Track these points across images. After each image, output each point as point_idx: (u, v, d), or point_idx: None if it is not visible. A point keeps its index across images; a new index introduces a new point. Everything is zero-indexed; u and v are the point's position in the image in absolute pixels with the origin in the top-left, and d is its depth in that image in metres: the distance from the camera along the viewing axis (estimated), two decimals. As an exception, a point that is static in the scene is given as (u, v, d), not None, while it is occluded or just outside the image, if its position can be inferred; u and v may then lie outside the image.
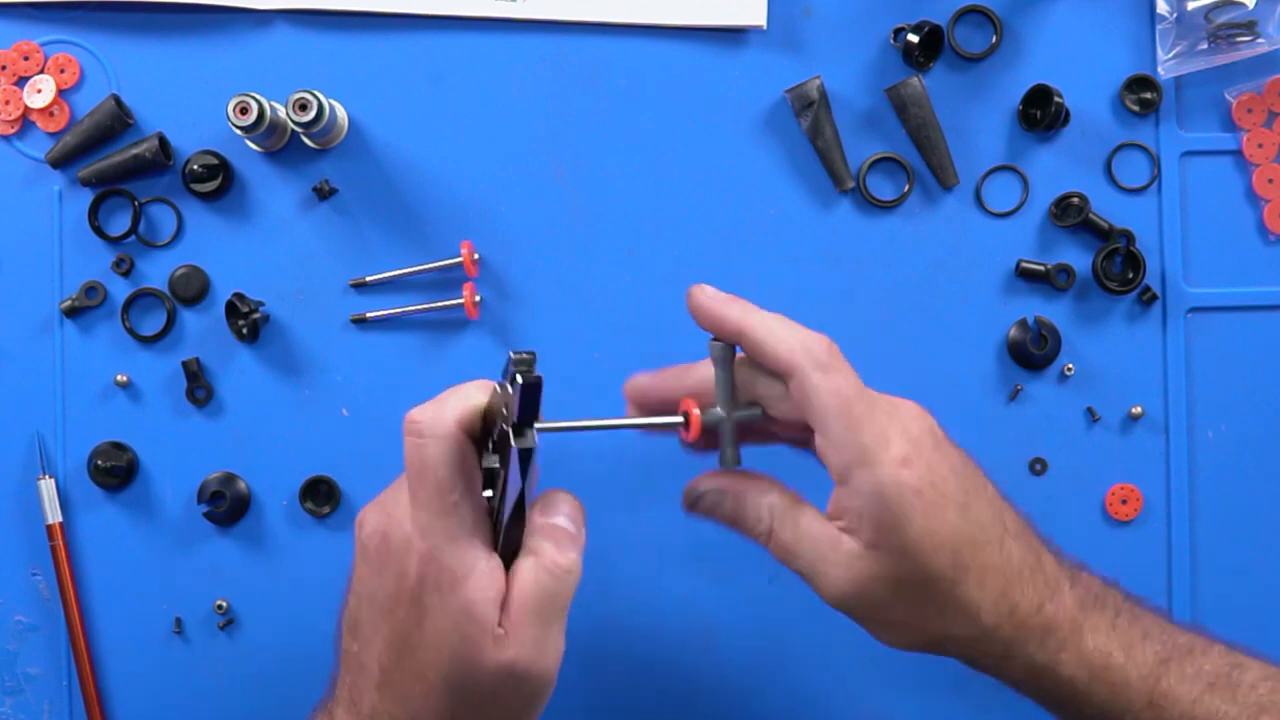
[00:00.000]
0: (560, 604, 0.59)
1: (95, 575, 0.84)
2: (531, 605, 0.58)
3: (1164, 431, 0.86)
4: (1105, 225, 0.85)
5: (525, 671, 0.58)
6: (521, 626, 0.57)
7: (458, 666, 0.58)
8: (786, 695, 0.86)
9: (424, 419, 0.58)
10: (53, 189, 0.85)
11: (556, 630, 0.59)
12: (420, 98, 0.85)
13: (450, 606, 0.57)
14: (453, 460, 0.57)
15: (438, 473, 0.57)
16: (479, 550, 0.58)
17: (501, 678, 0.57)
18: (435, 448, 0.57)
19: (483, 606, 0.57)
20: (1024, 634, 0.61)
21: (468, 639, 0.57)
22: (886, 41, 0.86)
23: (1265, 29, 0.85)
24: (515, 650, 0.57)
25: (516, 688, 0.58)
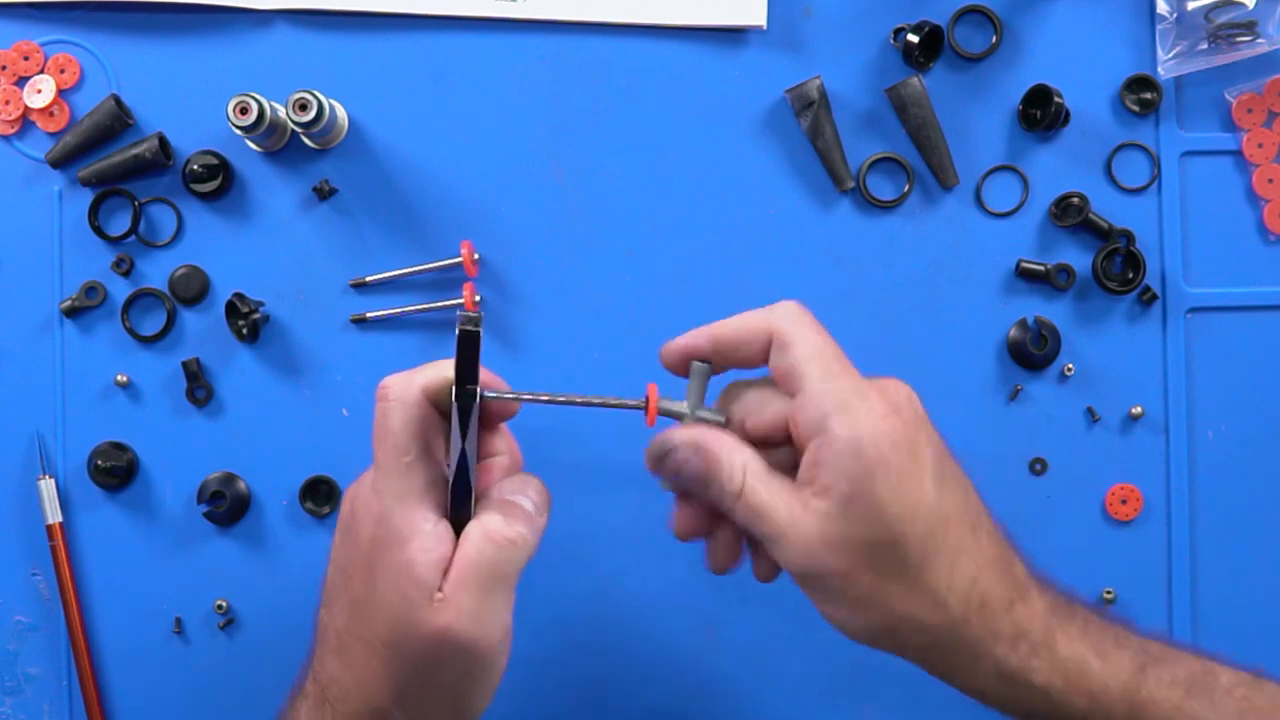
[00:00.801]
0: (502, 574, 0.58)
1: (95, 575, 0.84)
2: (471, 571, 0.58)
3: (1164, 431, 0.86)
4: (1105, 225, 0.85)
5: (457, 639, 0.57)
6: (460, 592, 0.57)
7: (397, 629, 0.58)
8: (786, 695, 0.86)
9: (393, 385, 0.60)
10: (53, 189, 0.85)
11: (499, 602, 0.58)
12: (420, 98, 0.85)
13: (394, 566, 0.58)
14: (412, 424, 0.59)
15: (396, 435, 0.59)
16: (426, 512, 0.59)
17: (437, 643, 0.57)
18: (398, 411, 0.59)
19: (423, 568, 0.57)
20: (994, 634, 0.59)
21: (406, 599, 0.57)
22: (886, 41, 0.86)
23: (1265, 29, 0.85)
24: (451, 616, 0.57)
25: (453, 657, 0.58)
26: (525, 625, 0.85)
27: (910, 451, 0.57)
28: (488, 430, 0.65)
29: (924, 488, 0.57)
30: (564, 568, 0.84)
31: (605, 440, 0.84)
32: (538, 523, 0.61)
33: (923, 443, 0.58)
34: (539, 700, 0.86)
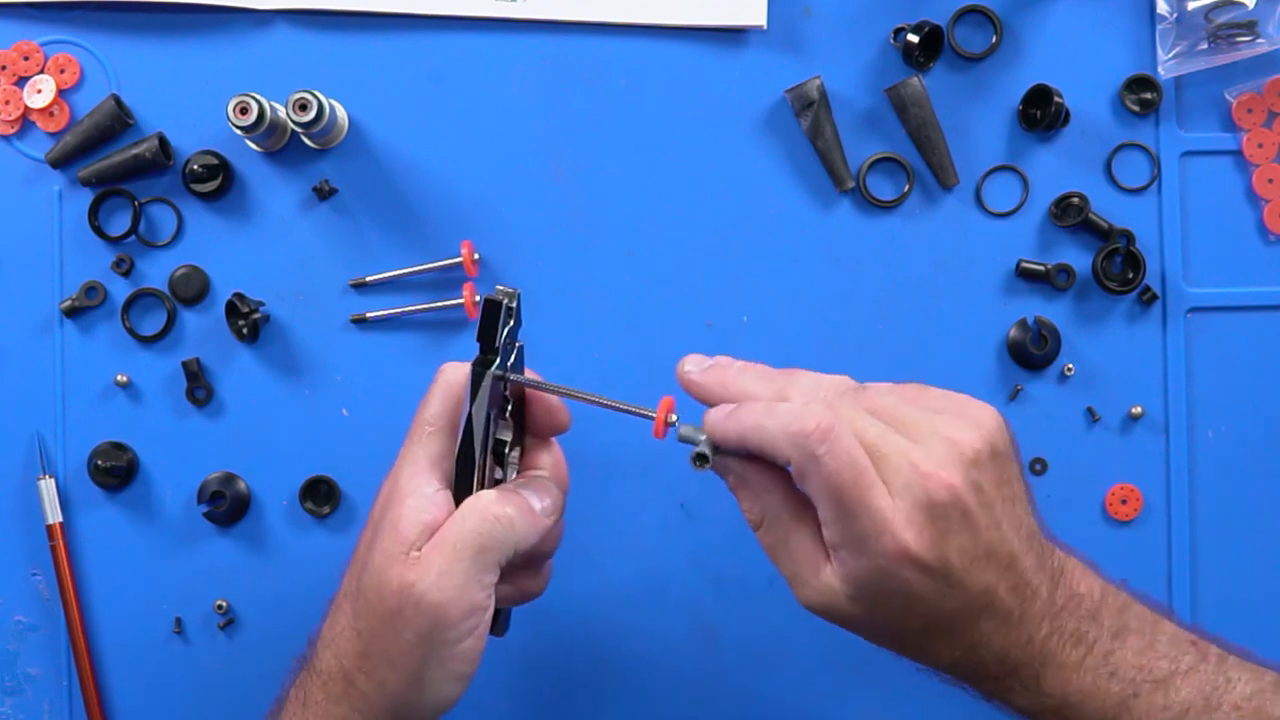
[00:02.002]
0: (481, 548, 0.59)
1: (95, 575, 0.84)
2: (450, 538, 0.59)
3: (1164, 431, 0.86)
4: (1105, 225, 0.85)
5: (420, 598, 0.58)
6: (434, 554, 0.59)
7: (370, 580, 0.60)
8: (786, 695, 0.86)
9: (448, 368, 0.64)
10: (53, 189, 0.85)
11: (470, 573, 0.59)
12: (420, 98, 0.85)
13: (386, 521, 0.60)
14: (446, 400, 0.62)
15: (429, 407, 0.62)
16: (430, 477, 0.61)
17: (398, 599, 0.58)
18: (440, 388, 0.63)
19: (408, 524, 0.59)
20: (981, 672, 0.61)
21: (386, 553, 0.59)
22: (886, 41, 0.86)
23: (1265, 29, 0.85)
24: (417, 573, 0.58)
25: (412, 614, 0.58)
26: (525, 622, 0.85)
27: (936, 574, 0.57)
28: (537, 439, 0.66)
29: (940, 605, 0.58)
30: (563, 564, 0.84)
31: (610, 436, 0.84)
32: (537, 519, 0.62)
33: (954, 553, 0.57)
34: (538, 697, 0.86)
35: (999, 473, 0.58)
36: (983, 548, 0.57)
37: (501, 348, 0.61)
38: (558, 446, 0.68)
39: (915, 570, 0.56)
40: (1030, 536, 0.60)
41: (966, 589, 0.57)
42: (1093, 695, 0.60)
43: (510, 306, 0.61)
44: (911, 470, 0.56)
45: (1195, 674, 0.61)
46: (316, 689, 0.62)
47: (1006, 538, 0.58)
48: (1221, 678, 0.61)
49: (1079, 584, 0.61)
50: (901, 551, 0.56)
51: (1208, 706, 0.60)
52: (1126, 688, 0.60)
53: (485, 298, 0.60)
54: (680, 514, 0.85)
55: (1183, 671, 0.61)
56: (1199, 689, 0.61)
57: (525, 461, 0.67)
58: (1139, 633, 0.61)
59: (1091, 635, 0.61)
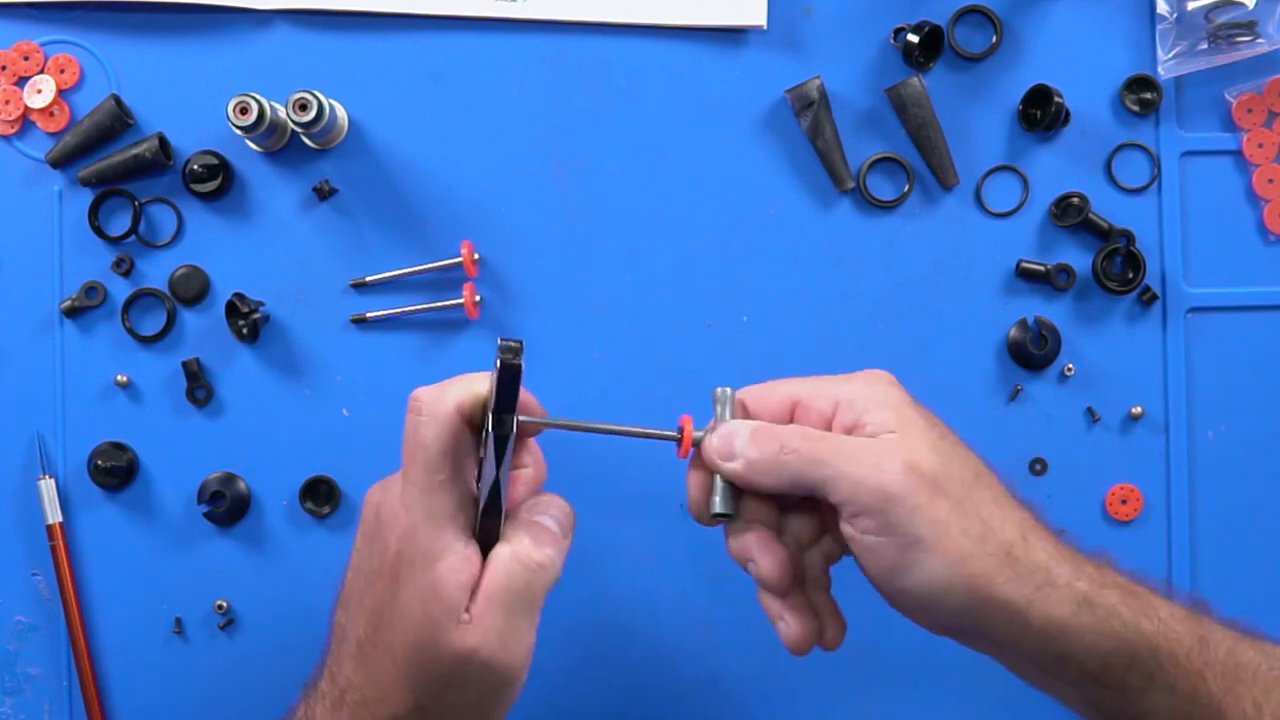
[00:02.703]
0: (529, 597, 0.59)
1: (95, 575, 0.84)
2: (500, 595, 0.58)
3: (1164, 431, 0.86)
4: (1105, 225, 0.85)
5: (486, 661, 0.57)
6: (487, 615, 0.58)
7: (422, 646, 0.58)
8: (786, 695, 0.86)
9: (425, 398, 0.59)
10: (53, 189, 0.85)
11: (525, 625, 0.59)
12: (420, 98, 0.85)
13: (420, 584, 0.58)
14: (445, 441, 0.58)
15: (428, 451, 0.58)
16: (457, 533, 0.59)
17: (462, 664, 0.58)
18: (430, 427, 0.58)
19: (451, 589, 0.57)
20: (1057, 557, 0.60)
21: (433, 620, 0.58)
22: (886, 41, 0.86)
23: (1265, 29, 0.85)
24: (478, 638, 0.57)
25: (478, 677, 0.58)
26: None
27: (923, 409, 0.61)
28: (516, 444, 0.65)
29: (948, 433, 0.61)
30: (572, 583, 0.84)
31: (607, 442, 0.84)
32: (563, 544, 0.61)
33: (927, 410, 0.62)
34: (537, 697, 0.86)
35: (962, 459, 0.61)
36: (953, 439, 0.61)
37: None
38: (535, 445, 0.67)
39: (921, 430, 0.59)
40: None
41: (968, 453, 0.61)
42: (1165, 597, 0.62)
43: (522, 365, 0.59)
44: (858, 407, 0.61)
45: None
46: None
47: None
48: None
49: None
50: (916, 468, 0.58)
51: (1256, 639, 0.63)
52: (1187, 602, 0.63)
53: (502, 364, 0.56)
54: (680, 514, 0.85)
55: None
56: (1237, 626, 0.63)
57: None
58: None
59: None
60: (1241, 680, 0.61)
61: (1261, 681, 0.61)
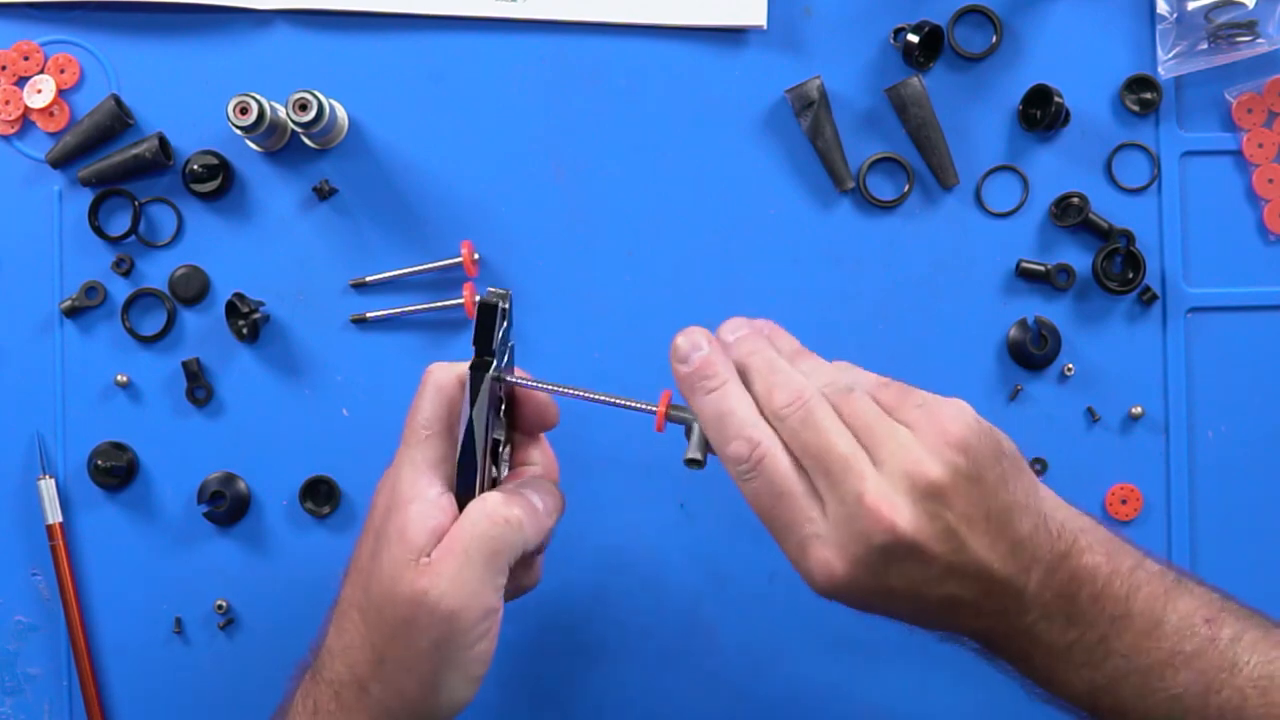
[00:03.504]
0: (492, 551, 0.59)
1: (95, 575, 0.84)
2: (461, 543, 0.59)
3: (1164, 431, 0.86)
4: (1105, 225, 0.85)
5: (435, 604, 0.58)
6: (445, 559, 0.59)
7: (381, 589, 0.59)
8: (786, 695, 0.86)
9: (436, 369, 0.64)
10: (53, 189, 0.85)
11: (483, 577, 0.59)
12: (420, 98, 0.85)
13: (391, 528, 0.60)
14: (439, 402, 0.62)
15: (423, 410, 0.62)
16: (433, 481, 0.61)
17: (412, 607, 0.58)
18: (430, 390, 0.63)
19: (415, 530, 0.59)
20: (971, 641, 0.61)
21: (395, 560, 0.59)
22: (886, 41, 0.86)
23: (1265, 29, 0.85)
24: (430, 580, 0.58)
25: (428, 622, 0.58)
26: (525, 621, 0.85)
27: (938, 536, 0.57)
28: (526, 437, 0.66)
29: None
30: (563, 564, 0.84)
31: (610, 436, 0.84)
32: (542, 519, 0.62)
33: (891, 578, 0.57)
34: (537, 696, 0.86)
35: (967, 495, 0.56)
36: (938, 571, 0.56)
37: (497, 349, 0.61)
38: (546, 442, 0.68)
39: (851, 593, 0.57)
40: (1013, 543, 0.58)
41: (921, 600, 0.57)
42: (1078, 679, 0.61)
43: (504, 308, 0.61)
44: (857, 502, 0.55)
45: (1198, 659, 0.60)
46: (327, 698, 0.62)
47: (973, 556, 0.57)
48: (1228, 660, 0.60)
49: (1083, 567, 0.60)
50: (829, 578, 0.56)
51: (1207, 691, 0.60)
52: (1115, 674, 0.60)
53: (480, 300, 0.60)
54: (680, 513, 0.85)
55: (1185, 656, 0.60)
56: (1199, 675, 0.60)
57: (516, 457, 0.68)
58: (1143, 616, 0.60)
59: (1084, 621, 0.60)
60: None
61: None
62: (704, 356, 0.60)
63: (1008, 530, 0.58)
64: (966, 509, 0.56)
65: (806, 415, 0.58)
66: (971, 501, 0.56)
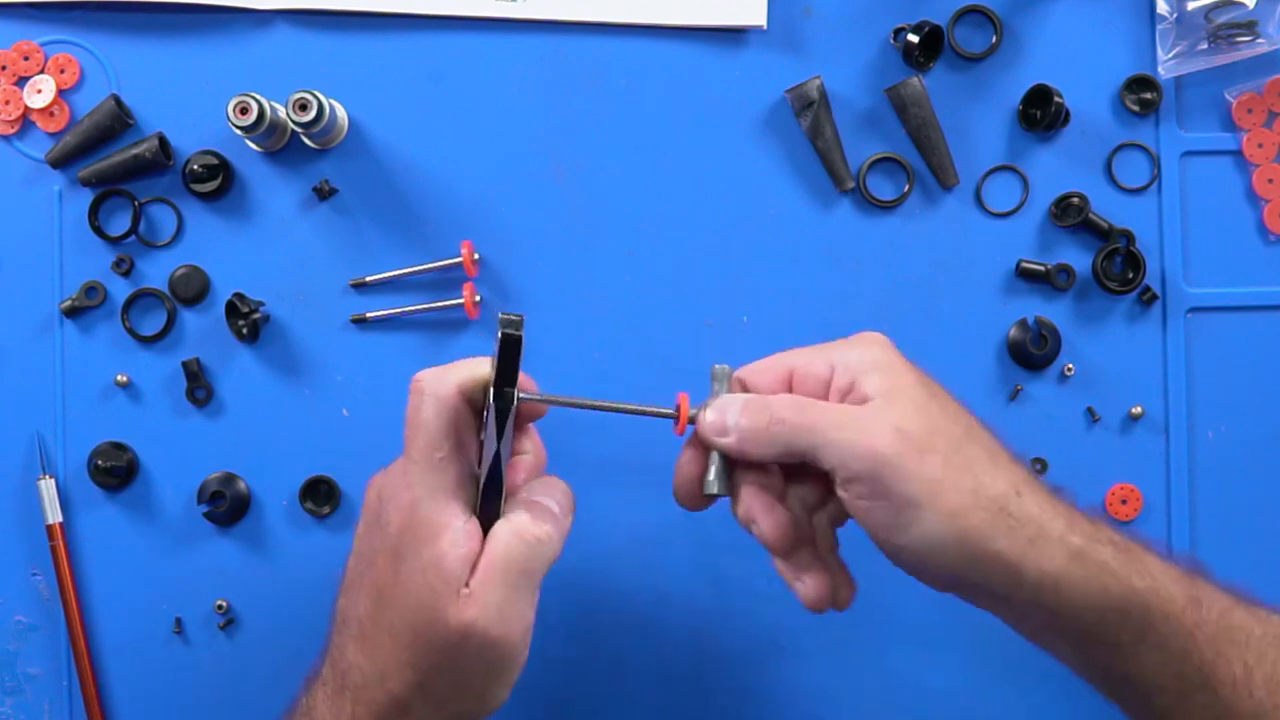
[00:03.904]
0: (529, 572, 0.60)
1: (95, 575, 0.84)
2: (499, 569, 0.59)
3: (1164, 431, 0.86)
4: (1105, 225, 0.85)
5: (484, 634, 0.58)
6: (487, 588, 0.58)
7: (422, 621, 0.59)
8: (786, 695, 0.86)
9: (427, 378, 0.61)
10: (53, 189, 0.85)
11: (523, 600, 0.59)
12: (420, 98, 0.85)
13: (422, 559, 0.59)
14: (445, 419, 0.60)
15: (429, 428, 0.60)
16: (457, 508, 0.60)
17: (461, 638, 0.58)
18: (432, 405, 0.60)
19: (452, 562, 0.58)
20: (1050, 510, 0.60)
21: (434, 593, 0.58)
22: (886, 41, 0.86)
23: (1265, 29, 0.85)
24: (477, 611, 0.58)
25: (477, 651, 0.59)
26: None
27: (914, 369, 0.63)
28: (516, 429, 0.66)
29: (940, 391, 0.62)
30: (563, 564, 0.84)
31: (610, 436, 0.84)
32: (563, 524, 0.62)
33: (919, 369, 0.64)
34: (538, 696, 0.86)
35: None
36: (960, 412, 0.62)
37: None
38: (535, 430, 0.68)
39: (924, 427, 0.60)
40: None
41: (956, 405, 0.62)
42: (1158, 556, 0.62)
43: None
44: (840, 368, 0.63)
45: None
46: (364, 717, 0.61)
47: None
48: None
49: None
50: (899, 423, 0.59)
51: (1252, 603, 0.64)
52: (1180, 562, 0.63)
53: (502, 335, 0.58)
54: (680, 514, 0.85)
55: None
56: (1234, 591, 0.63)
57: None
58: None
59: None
60: (1234, 642, 0.61)
61: (1254, 645, 0.62)
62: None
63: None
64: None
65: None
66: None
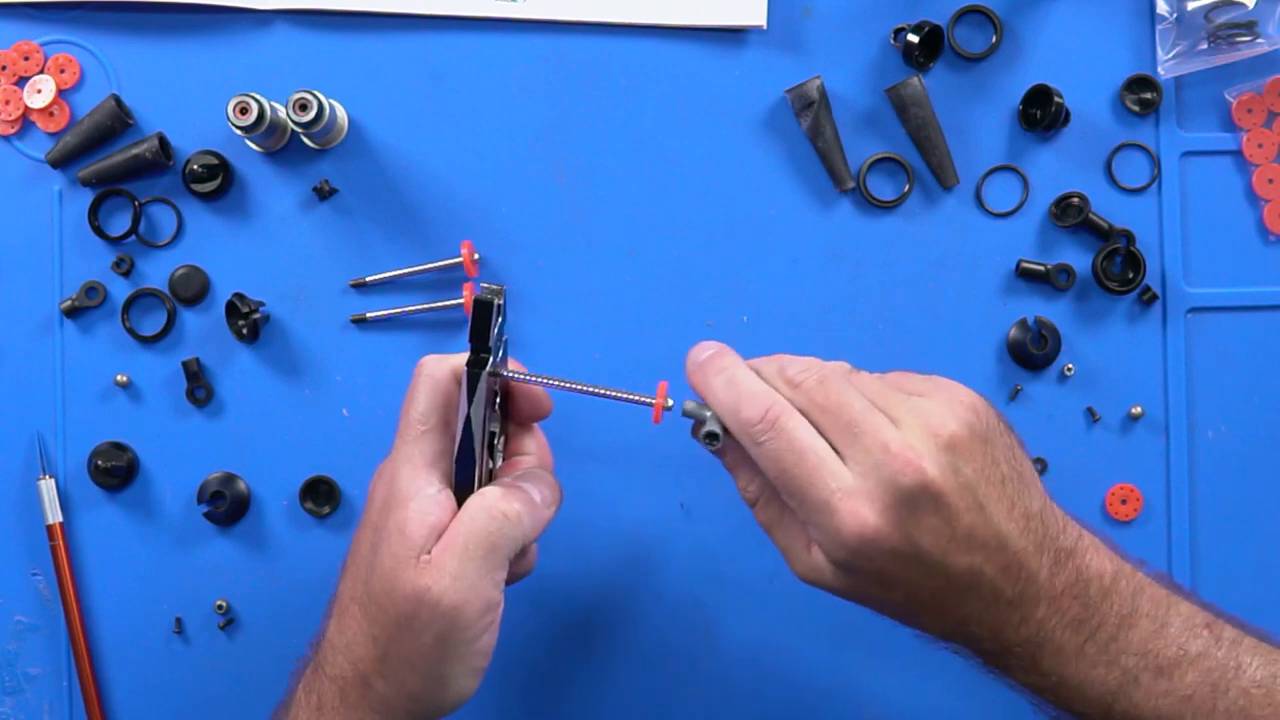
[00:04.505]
0: (492, 545, 0.60)
1: (95, 575, 0.84)
2: (462, 539, 0.59)
3: (1164, 431, 0.86)
4: (1105, 225, 0.85)
5: (437, 602, 0.58)
6: (446, 555, 0.59)
7: (382, 586, 0.59)
8: (787, 695, 0.86)
9: (428, 362, 0.64)
10: (53, 189, 0.85)
11: (483, 572, 0.59)
12: (420, 98, 0.85)
13: (390, 525, 0.60)
14: (435, 397, 0.62)
15: (418, 404, 0.62)
16: (431, 478, 0.61)
17: (414, 604, 0.58)
18: (424, 384, 0.63)
19: (415, 527, 0.59)
20: (974, 646, 0.62)
21: (395, 557, 0.59)
22: (886, 41, 0.86)
23: (1265, 29, 0.85)
24: (432, 577, 0.58)
25: (429, 618, 0.58)
26: (525, 621, 0.85)
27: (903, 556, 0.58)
28: (519, 427, 0.66)
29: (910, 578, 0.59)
30: (563, 563, 0.84)
31: (609, 435, 0.84)
32: (540, 511, 0.62)
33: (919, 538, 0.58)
34: (537, 695, 0.86)
35: (982, 454, 0.58)
36: (962, 531, 0.58)
37: (493, 345, 0.61)
38: (540, 431, 0.68)
39: (881, 550, 0.57)
40: (1026, 516, 0.60)
41: (946, 570, 0.58)
42: (1090, 681, 0.61)
43: (499, 304, 0.61)
44: (882, 451, 0.57)
45: (1204, 659, 0.61)
46: (331, 693, 0.62)
47: (992, 520, 0.58)
48: (1232, 662, 0.61)
49: (1089, 565, 0.61)
50: (859, 532, 0.57)
51: (1214, 692, 0.60)
52: (1126, 675, 0.60)
53: (475, 297, 0.60)
54: (680, 512, 0.85)
55: (1191, 657, 0.61)
56: (1206, 675, 0.60)
57: (511, 448, 0.68)
58: (1150, 616, 0.61)
59: (1095, 620, 0.61)
60: None
61: None
62: (716, 349, 0.63)
63: (1020, 499, 0.59)
64: (983, 467, 0.58)
65: (822, 378, 0.60)
66: (987, 461, 0.58)
